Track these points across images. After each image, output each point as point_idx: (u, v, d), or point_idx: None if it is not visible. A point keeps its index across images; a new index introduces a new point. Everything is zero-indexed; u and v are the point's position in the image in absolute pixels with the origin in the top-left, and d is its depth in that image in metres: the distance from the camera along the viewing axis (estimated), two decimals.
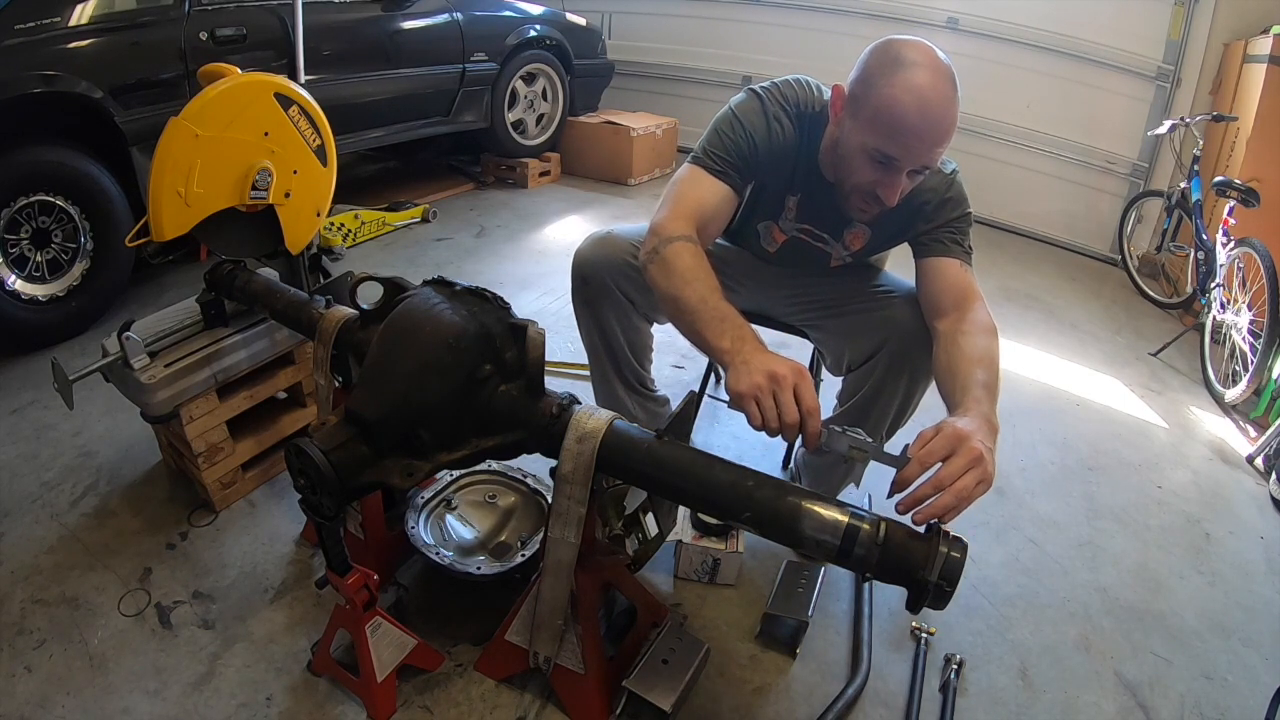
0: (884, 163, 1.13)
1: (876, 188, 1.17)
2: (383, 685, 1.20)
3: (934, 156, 1.13)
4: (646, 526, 1.14)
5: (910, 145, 1.10)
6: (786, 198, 1.36)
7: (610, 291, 1.44)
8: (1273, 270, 2.38)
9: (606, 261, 1.44)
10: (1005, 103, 4.02)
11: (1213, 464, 2.17)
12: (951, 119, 1.10)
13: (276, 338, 1.64)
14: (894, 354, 1.33)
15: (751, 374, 0.99)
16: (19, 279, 2.13)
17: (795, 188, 1.35)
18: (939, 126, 1.09)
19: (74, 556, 1.50)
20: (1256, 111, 3.03)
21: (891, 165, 1.13)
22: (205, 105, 1.36)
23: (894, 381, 1.36)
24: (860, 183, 1.18)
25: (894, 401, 1.39)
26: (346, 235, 3.12)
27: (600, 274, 1.43)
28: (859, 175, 1.18)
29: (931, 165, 1.15)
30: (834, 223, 1.38)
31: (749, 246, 1.49)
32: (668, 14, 4.95)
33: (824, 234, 1.40)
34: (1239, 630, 1.56)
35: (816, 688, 1.33)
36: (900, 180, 1.15)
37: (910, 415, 1.45)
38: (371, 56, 3.17)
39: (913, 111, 1.07)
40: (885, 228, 1.35)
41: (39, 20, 2.07)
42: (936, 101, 1.08)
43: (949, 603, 0.91)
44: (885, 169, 1.14)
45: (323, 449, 0.98)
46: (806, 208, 1.37)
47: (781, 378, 0.98)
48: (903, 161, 1.12)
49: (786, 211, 1.39)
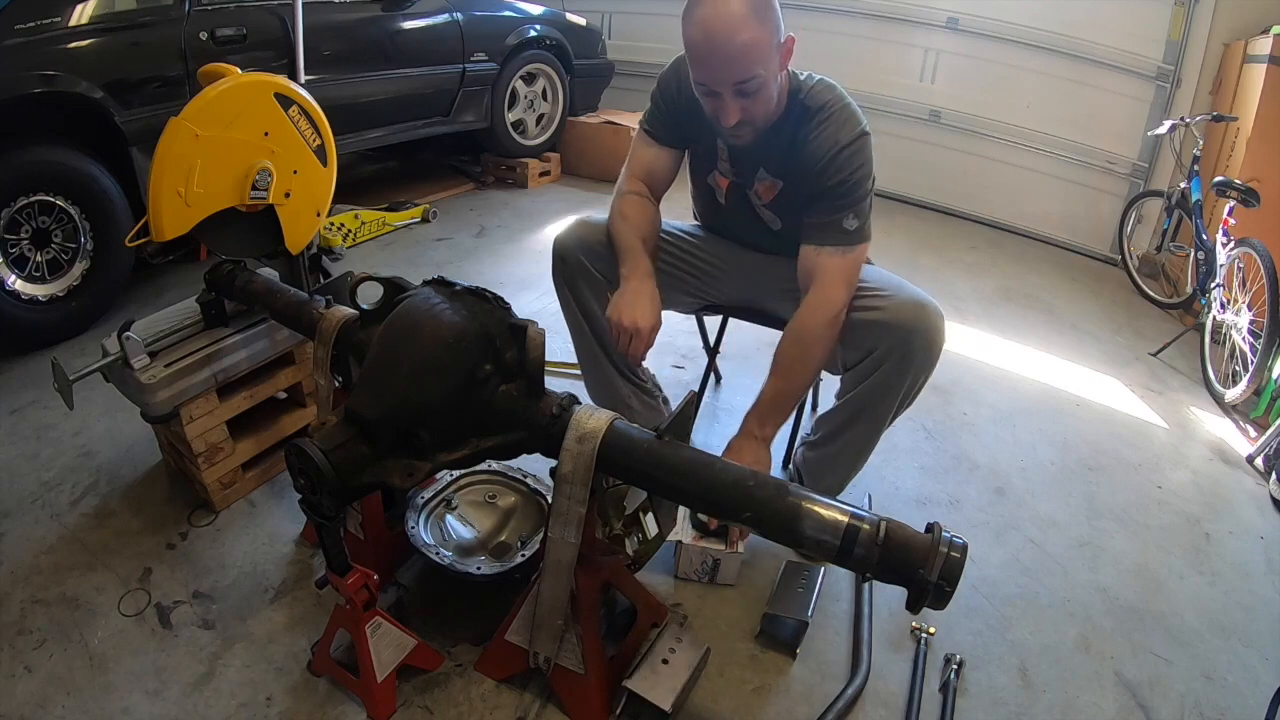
0: (708, 93, 1.28)
1: (716, 115, 1.30)
2: (383, 685, 1.20)
3: (739, 73, 1.23)
4: (646, 526, 1.14)
5: (711, 69, 1.24)
6: (717, 143, 1.49)
7: (586, 269, 1.52)
8: (1273, 270, 2.38)
9: (582, 242, 1.52)
10: (1005, 103, 4.02)
11: (1213, 464, 2.17)
12: (745, 35, 1.20)
13: (276, 338, 1.64)
14: (891, 351, 1.34)
15: (620, 310, 1.35)
16: (19, 279, 2.12)
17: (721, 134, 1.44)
18: (729, 44, 1.20)
19: (74, 556, 1.50)
20: (1256, 111, 3.02)
21: (712, 93, 1.27)
22: (205, 105, 1.36)
23: (896, 379, 1.37)
24: (709, 114, 1.33)
25: (896, 398, 1.41)
26: (346, 235, 3.12)
27: (576, 254, 1.52)
28: (705, 108, 1.33)
29: (745, 76, 1.23)
30: (748, 169, 1.49)
31: (710, 206, 1.63)
32: (668, 14, 4.89)
33: (743, 181, 1.52)
34: (1239, 630, 1.56)
35: (816, 688, 1.33)
36: (725, 102, 1.26)
37: (908, 405, 1.47)
38: (371, 56, 3.17)
39: (701, 39, 1.22)
40: (794, 181, 1.42)
41: (39, 20, 2.07)
42: (719, 25, 1.20)
43: (949, 603, 0.91)
44: (712, 97, 1.28)
45: (323, 449, 0.98)
46: (732, 156, 1.49)
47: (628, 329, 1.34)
48: (713, 84, 1.26)
49: (719, 153, 1.51)
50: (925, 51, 4.15)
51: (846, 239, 1.35)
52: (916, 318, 1.33)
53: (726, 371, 2.31)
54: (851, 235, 1.35)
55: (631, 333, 1.34)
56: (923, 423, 2.17)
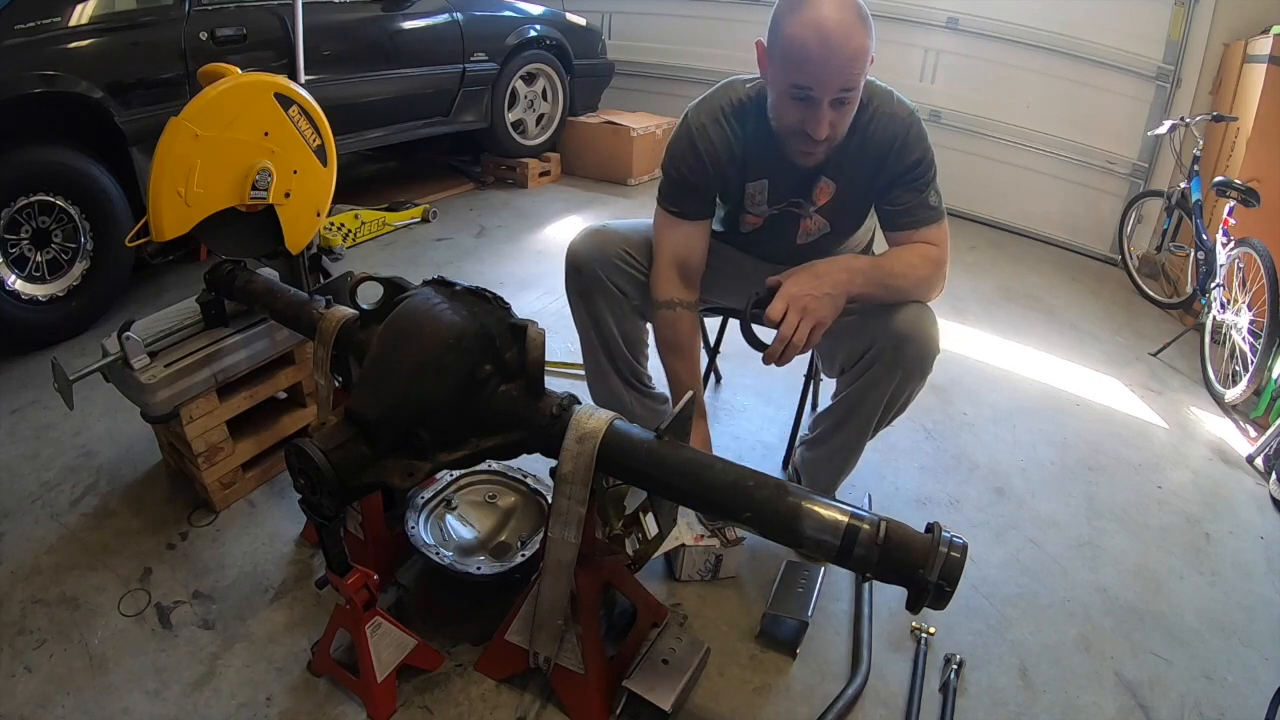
0: (803, 99, 1.21)
1: (804, 124, 1.24)
2: (383, 685, 1.20)
3: (848, 79, 1.19)
4: (646, 526, 1.14)
5: (818, 73, 1.18)
6: (746, 186, 1.44)
7: (603, 283, 1.47)
8: (1273, 270, 2.38)
9: (600, 254, 1.47)
10: (1005, 103, 4.02)
11: (1213, 464, 2.17)
12: (857, 42, 1.17)
13: (276, 338, 1.64)
14: (886, 351, 1.34)
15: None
16: (19, 279, 2.13)
17: (751, 175, 1.42)
18: (843, 50, 1.16)
19: (74, 556, 1.50)
20: (1256, 111, 3.02)
21: (809, 98, 1.20)
22: (205, 105, 1.36)
23: (886, 379, 1.36)
24: (791, 124, 1.26)
25: (883, 398, 1.39)
26: (346, 235, 3.12)
27: (593, 266, 1.46)
28: (789, 116, 1.25)
29: (849, 87, 1.20)
30: (802, 186, 1.43)
31: (736, 235, 1.55)
32: (668, 14, 4.94)
33: (797, 198, 1.45)
34: (1239, 630, 1.56)
35: (816, 688, 1.33)
36: (822, 112, 1.21)
37: (899, 413, 1.45)
38: (371, 56, 3.17)
39: (814, 41, 1.16)
40: (850, 178, 1.39)
41: (39, 20, 2.07)
42: (835, 27, 1.15)
43: (949, 603, 0.92)
44: (806, 104, 1.22)
45: (323, 449, 0.98)
46: (773, 190, 1.44)
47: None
48: (816, 90, 1.19)
49: (750, 198, 1.45)
50: (925, 51, 4.15)
51: (935, 215, 1.36)
52: (913, 323, 1.32)
53: (726, 371, 2.31)
54: (937, 210, 1.36)
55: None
56: (923, 423, 2.17)
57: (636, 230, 1.53)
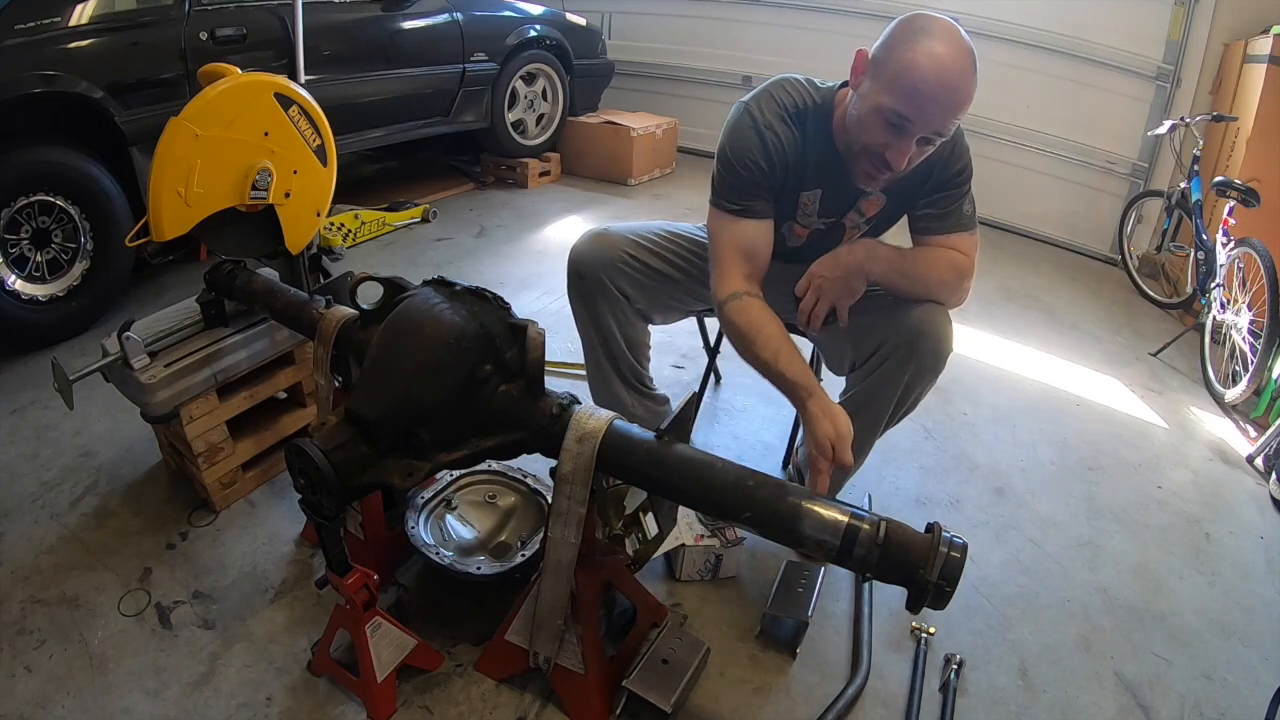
0: (896, 125, 1.16)
1: (886, 150, 1.20)
2: (383, 685, 1.20)
3: (945, 124, 1.16)
4: (646, 526, 1.14)
5: (924, 108, 1.13)
6: (800, 195, 1.40)
7: (605, 287, 1.46)
8: (1273, 270, 2.38)
9: (602, 257, 1.46)
10: (1005, 103, 4.02)
11: (1213, 464, 2.17)
12: (968, 91, 1.14)
13: (276, 338, 1.64)
14: (900, 347, 1.33)
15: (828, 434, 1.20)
16: (19, 279, 2.13)
17: (808, 184, 1.38)
18: (955, 95, 1.13)
19: (74, 556, 1.50)
20: (1256, 111, 3.02)
21: (903, 129, 1.16)
22: (205, 105, 1.36)
23: (898, 374, 1.35)
24: (871, 143, 1.21)
25: (894, 394, 1.38)
26: (346, 235, 3.12)
27: (596, 270, 1.45)
28: (871, 136, 1.20)
29: (943, 133, 1.18)
30: (851, 200, 1.42)
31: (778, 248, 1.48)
32: (668, 14, 4.94)
33: (845, 211, 1.44)
34: (1239, 630, 1.56)
35: (816, 688, 1.33)
36: (910, 146, 1.18)
37: (909, 411, 1.44)
38: (371, 56, 3.17)
39: (931, 76, 1.11)
40: (900, 191, 1.39)
41: (39, 20, 2.07)
42: (955, 71, 1.12)
43: (949, 603, 0.91)
44: (897, 132, 1.17)
45: (323, 449, 0.98)
46: (825, 201, 1.41)
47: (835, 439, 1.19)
48: (915, 125, 1.15)
49: (802, 208, 1.42)
50: None
51: (969, 223, 1.36)
52: (928, 321, 1.32)
53: (726, 371, 2.31)
54: (970, 219, 1.36)
55: (835, 443, 1.19)
56: (923, 423, 2.16)
57: (639, 232, 1.52)
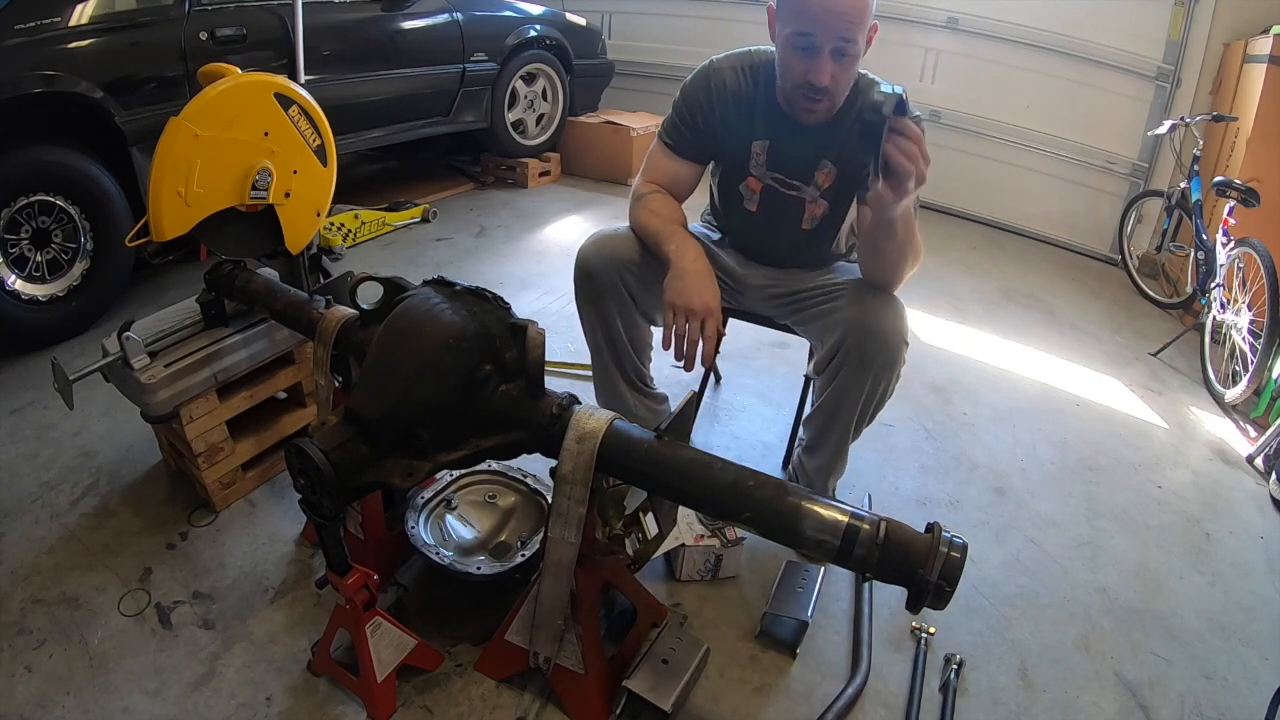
0: (805, 48, 1.24)
1: (807, 75, 1.27)
2: (383, 685, 1.20)
3: (848, 29, 1.21)
4: (646, 526, 1.14)
5: (820, 19, 1.21)
6: (752, 144, 1.45)
7: (615, 288, 1.47)
8: (1273, 270, 2.38)
9: (610, 259, 1.47)
10: (1005, 103, 4.02)
11: (1213, 464, 2.17)
12: None
13: (276, 338, 1.64)
14: (852, 352, 1.34)
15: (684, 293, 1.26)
16: (19, 279, 2.12)
17: (758, 133, 1.44)
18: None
19: (74, 556, 1.50)
20: (1256, 111, 3.02)
21: (812, 47, 1.24)
22: (205, 105, 1.36)
23: (858, 381, 1.37)
24: (795, 76, 1.29)
25: (858, 402, 1.40)
26: (346, 235, 3.12)
27: (604, 270, 1.46)
28: (793, 70, 1.28)
29: (850, 39, 1.22)
30: (803, 166, 1.45)
31: (737, 216, 1.56)
32: (668, 14, 4.94)
33: (795, 180, 1.46)
34: (1239, 630, 1.56)
35: (816, 688, 1.33)
36: (824, 61, 1.24)
37: (879, 407, 1.44)
38: (371, 56, 3.16)
39: None
40: (849, 160, 1.40)
41: (39, 20, 2.07)
42: None
43: (949, 603, 0.91)
44: (808, 54, 1.25)
45: (323, 449, 0.98)
46: (775, 153, 1.45)
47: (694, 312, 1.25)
48: (819, 38, 1.22)
49: (754, 157, 1.46)
50: (925, 51, 4.15)
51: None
52: (876, 317, 1.33)
53: (726, 371, 2.31)
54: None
55: (703, 316, 1.23)
56: (923, 423, 2.17)
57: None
